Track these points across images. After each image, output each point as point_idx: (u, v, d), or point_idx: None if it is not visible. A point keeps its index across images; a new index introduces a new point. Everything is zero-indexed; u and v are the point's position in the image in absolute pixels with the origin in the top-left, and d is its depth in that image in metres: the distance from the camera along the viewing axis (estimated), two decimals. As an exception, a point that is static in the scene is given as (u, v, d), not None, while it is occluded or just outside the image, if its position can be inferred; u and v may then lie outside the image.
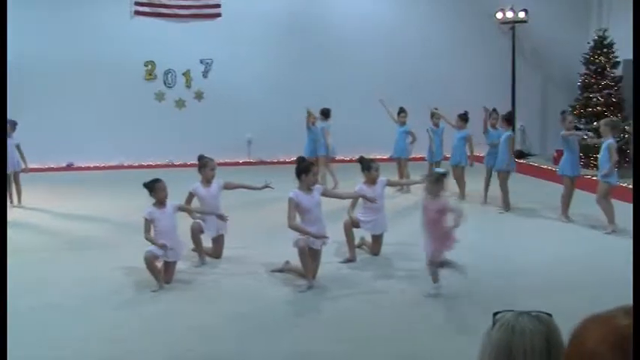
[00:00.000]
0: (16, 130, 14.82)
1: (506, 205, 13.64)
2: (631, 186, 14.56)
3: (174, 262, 9.17)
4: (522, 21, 21.76)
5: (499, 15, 21.84)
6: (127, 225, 12.02)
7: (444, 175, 8.67)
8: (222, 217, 9.97)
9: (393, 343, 6.90)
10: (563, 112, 13.95)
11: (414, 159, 16.81)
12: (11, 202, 14.58)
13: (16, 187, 14.81)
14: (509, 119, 14.51)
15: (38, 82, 20.55)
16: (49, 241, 11.51)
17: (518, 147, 20.18)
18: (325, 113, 16.66)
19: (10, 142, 14.60)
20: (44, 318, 7.78)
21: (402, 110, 16.25)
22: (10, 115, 15.43)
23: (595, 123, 13.21)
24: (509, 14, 21.69)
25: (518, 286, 8.69)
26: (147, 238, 8.98)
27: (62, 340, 7.08)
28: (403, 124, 16.14)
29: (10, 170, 14.54)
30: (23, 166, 14.86)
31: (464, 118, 15.12)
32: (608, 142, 11.74)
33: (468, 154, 14.90)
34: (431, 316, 7.73)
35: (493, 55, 22.28)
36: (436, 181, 8.52)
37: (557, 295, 8.06)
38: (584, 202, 12.88)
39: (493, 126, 14.34)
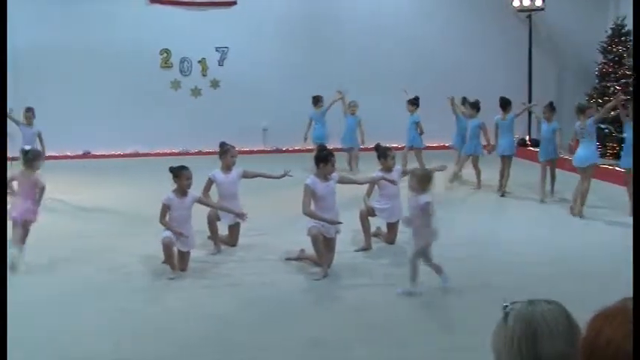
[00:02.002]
0: (36, 118, 14.85)
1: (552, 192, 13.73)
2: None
3: (189, 252, 9.18)
4: (539, 9, 21.61)
5: (516, 3, 21.70)
6: (142, 213, 12.05)
7: None
8: (240, 216, 9.91)
9: (406, 332, 6.91)
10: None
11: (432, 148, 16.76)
12: None
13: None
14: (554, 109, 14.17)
15: (54, 70, 20.62)
16: (66, 229, 11.55)
17: (535, 136, 20.15)
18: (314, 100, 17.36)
19: (31, 131, 14.60)
20: (60, 305, 7.82)
21: (410, 100, 16.19)
22: (25, 104, 15.50)
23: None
24: (526, 2, 21.55)
25: (533, 276, 8.66)
26: (162, 223, 8.99)
27: (77, 327, 7.13)
28: (412, 113, 16.10)
29: None
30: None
31: (475, 106, 15.07)
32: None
33: (484, 143, 14.86)
34: (446, 305, 7.73)
35: (510, 44, 22.16)
36: None
37: (563, 284, 8.03)
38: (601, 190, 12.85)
39: (548, 119, 13.89)
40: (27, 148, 10.50)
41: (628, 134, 11.95)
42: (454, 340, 6.65)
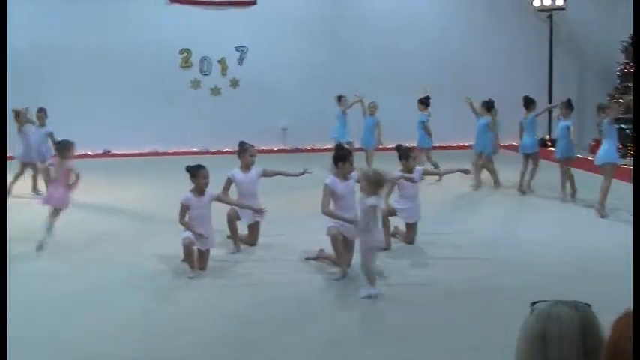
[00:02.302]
0: (49, 118, 14.74)
1: (574, 192, 13.53)
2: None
3: (208, 250, 9.20)
4: (560, 8, 21.52)
5: (536, 2, 21.61)
6: (161, 212, 12.09)
7: None
8: (259, 212, 9.96)
9: (425, 331, 6.89)
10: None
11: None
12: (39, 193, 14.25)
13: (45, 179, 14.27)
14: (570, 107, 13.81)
15: (74, 70, 20.74)
16: (85, 228, 11.59)
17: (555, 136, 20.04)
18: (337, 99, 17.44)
19: (43, 131, 14.50)
20: (78, 304, 7.86)
21: (420, 99, 16.15)
22: (46, 104, 15.51)
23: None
24: (547, 1, 21.46)
25: (553, 276, 8.62)
26: (182, 224, 9.00)
27: (96, 326, 7.14)
28: (422, 112, 16.07)
29: (37, 160, 14.22)
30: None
31: (485, 105, 15.05)
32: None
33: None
34: (466, 306, 7.70)
35: (530, 44, 22.10)
36: None
37: (584, 284, 7.97)
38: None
39: (565, 116, 13.70)
40: (59, 139, 11.30)
41: None
42: (474, 341, 6.62)
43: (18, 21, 20.35)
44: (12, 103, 14.70)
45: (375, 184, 7.96)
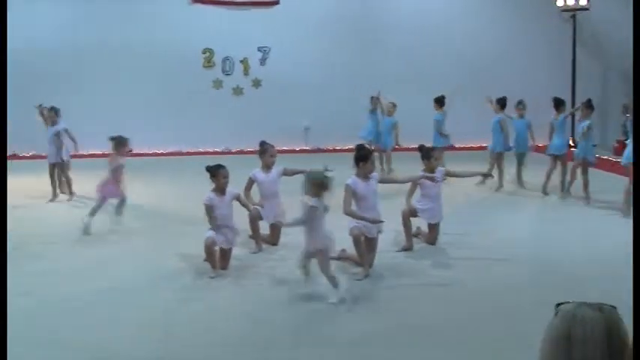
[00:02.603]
0: (61, 117, 14.47)
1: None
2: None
3: (230, 249, 9.21)
4: (584, 8, 21.37)
5: (560, 2, 21.48)
6: (183, 212, 12.13)
7: None
8: (280, 214, 9.91)
9: (448, 333, 6.86)
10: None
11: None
12: (57, 194, 14.23)
13: (65, 179, 14.26)
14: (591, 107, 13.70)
15: (97, 69, 20.86)
16: (107, 228, 11.62)
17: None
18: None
19: (52, 130, 14.17)
20: (99, 304, 7.87)
21: (435, 98, 16.12)
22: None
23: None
24: (571, 1, 21.32)
25: (576, 277, 8.56)
26: (211, 224, 9.02)
27: (116, 325, 7.16)
28: (437, 111, 16.03)
29: (51, 161, 14.11)
30: (70, 154, 14.38)
31: (500, 102, 15.02)
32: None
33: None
34: (488, 307, 7.66)
35: (553, 43, 21.97)
36: None
37: (615, 285, 7.91)
38: None
39: (584, 116, 13.60)
40: (114, 135, 12.18)
41: None
42: (496, 342, 6.58)
43: (48, 21, 20.56)
44: (37, 102, 14.86)
45: (317, 185, 7.98)
